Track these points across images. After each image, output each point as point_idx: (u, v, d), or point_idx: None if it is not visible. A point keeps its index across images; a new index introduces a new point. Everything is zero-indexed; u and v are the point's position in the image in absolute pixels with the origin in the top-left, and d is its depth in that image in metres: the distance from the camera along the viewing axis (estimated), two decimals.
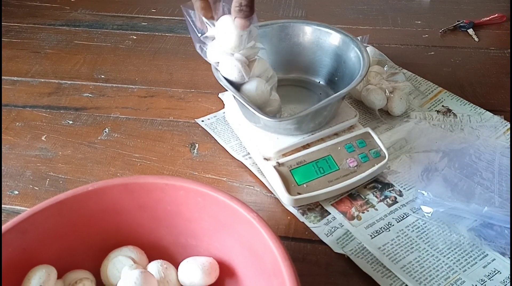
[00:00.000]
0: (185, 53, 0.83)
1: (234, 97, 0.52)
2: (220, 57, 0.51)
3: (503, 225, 0.50)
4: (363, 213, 0.53)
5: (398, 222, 0.52)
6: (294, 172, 0.54)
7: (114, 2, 1.00)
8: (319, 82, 0.65)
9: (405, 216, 0.53)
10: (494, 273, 0.47)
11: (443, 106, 0.68)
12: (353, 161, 0.55)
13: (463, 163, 0.56)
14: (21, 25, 0.93)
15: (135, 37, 0.89)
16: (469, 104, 0.68)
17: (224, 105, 0.67)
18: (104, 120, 0.68)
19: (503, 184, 0.53)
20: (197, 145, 0.64)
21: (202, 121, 0.67)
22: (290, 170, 0.54)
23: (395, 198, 0.55)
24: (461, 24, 0.88)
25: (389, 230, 0.51)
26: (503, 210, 0.50)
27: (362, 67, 0.54)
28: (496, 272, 0.47)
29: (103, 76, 0.78)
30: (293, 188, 0.53)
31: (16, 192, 0.58)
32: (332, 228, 0.52)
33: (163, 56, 0.83)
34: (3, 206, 0.56)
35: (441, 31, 0.87)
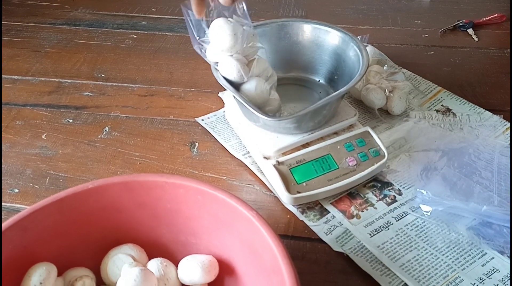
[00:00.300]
0: (185, 52, 0.83)
1: (234, 96, 0.52)
2: (219, 57, 0.51)
3: (502, 224, 0.50)
4: (362, 211, 0.54)
5: (397, 221, 0.52)
6: (294, 171, 0.54)
7: (114, 1, 1.00)
8: (318, 81, 0.65)
9: (404, 215, 0.53)
10: (492, 272, 0.47)
11: (442, 105, 0.68)
12: (352, 160, 0.55)
13: (462, 162, 0.56)
14: (21, 24, 0.93)
15: (135, 36, 0.89)
16: (468, 104, 0.68)
17: (224, 104, 0.67)
18: (104, 119, 0.69)
19: (502, 183, 0.53)
20: (197, 144, 0.64)
21: (202, 120, 0.67)
22: (290, 169, 0.54)
23: (394, 197, 0.55)
24: (460, 24, 0.88)
25: (388, 229, 0.52)
26: (502, 209, 0.50)
27: (362, 65, 0.54)
28: (495, 270, 0.47)
29: (103, 75, 0.78)
30: (293, 186, 0.53)
31: (16, 190, 0.58)
32: (332, 226, 0.52)
33: (163, 55, 0.83)
34: (3, 204, 0.56)
35: (440, 31, 0.87)
